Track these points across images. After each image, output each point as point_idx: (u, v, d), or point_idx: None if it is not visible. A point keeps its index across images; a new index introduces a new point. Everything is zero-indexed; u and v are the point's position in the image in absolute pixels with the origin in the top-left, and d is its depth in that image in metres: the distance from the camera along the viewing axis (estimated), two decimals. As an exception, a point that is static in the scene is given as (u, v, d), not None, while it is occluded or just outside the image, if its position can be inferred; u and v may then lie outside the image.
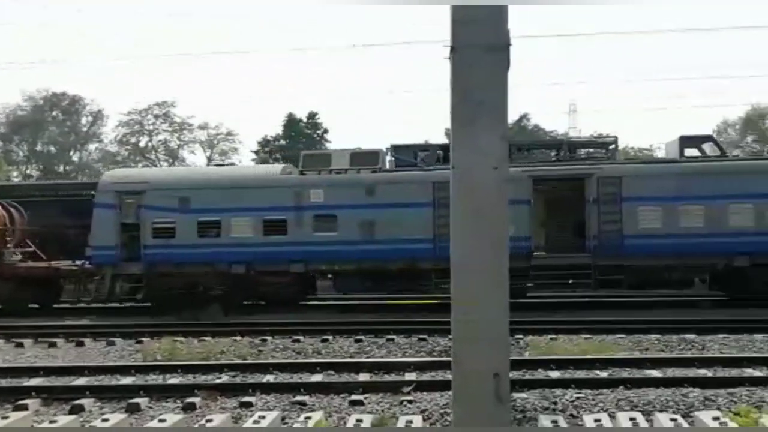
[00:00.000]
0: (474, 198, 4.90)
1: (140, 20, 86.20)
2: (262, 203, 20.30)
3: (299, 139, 54.51)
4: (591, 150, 23.35)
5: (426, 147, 23.33)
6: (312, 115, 57.24)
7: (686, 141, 20.91)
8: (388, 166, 21.29)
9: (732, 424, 6.80)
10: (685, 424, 7.06)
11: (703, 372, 10.22)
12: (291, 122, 56.56)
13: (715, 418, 7.00)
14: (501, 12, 4.44)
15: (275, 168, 23.85)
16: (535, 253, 20.04)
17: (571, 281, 19.92)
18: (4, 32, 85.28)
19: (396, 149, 21.86)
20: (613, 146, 22.83)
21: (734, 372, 10.11)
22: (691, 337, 13.28)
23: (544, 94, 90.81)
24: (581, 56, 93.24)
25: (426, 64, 65.64)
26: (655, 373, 10.12)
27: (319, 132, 57.29)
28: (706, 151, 20.78)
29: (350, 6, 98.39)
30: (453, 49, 4.45)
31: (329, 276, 21.44)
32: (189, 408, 8.65)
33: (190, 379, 10.44)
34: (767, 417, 7.00)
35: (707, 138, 22.68)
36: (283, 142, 56.03)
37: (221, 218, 20.36)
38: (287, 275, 20.37)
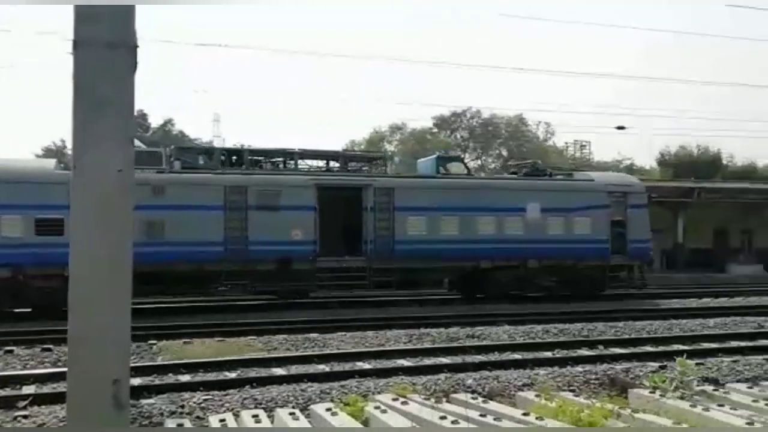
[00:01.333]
0: (96, 201, 4.67)
1: None
2: (35, 201, 18.34)
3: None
4: (361, 163, 25.12)
5: (210, 150, 23.04)
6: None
7: (442, 160, 24.42)
8: (176, 166, 20.59)
9: (342, 414, 7.47)
10: (302, 418, 7.58)
11: (321, 367, 11.08)
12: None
13: (328, 409, 7.63)
14: (127, 12, 4.35)
15: (49, 162, 21.61)
16: (319, 257, 20.82)
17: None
18: None
19: (180, 151, 21.54)
20: (381, 160, 25.50)
21: (347, 366, 11.12)
22: (314, 335, 14.29)
23: (189, 100, 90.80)
24: (228, 65, 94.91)
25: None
26: (279, 371, 10.72)
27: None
28: (450, 170, 23.53)
29: None
30: (75, 45, 4.24)
31: None
32: None
33: None
34: (372, 404, 7.81)
35: (457, 158, 27.10)
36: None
37: None
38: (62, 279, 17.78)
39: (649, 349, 12.92)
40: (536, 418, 7.14)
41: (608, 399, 8.47)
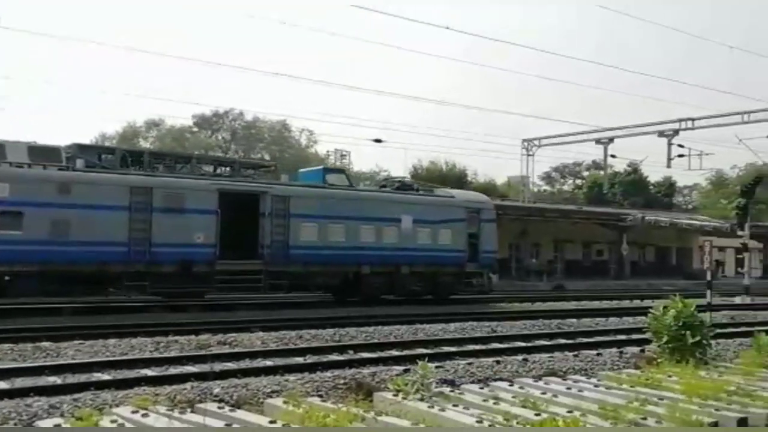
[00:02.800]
0: None
1: None
2: None
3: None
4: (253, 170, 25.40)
5: (111, 150, 22.78)
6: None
7: (327, 171, 26.30)
8: (78, 165, 19.91)
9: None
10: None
11: (53, 379, 10.13)
12: None
13: (57, 425, 6.96)
14: None
15: None
16: (219, 260, 21.27)
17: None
18: None
19: (81, 149, 20.97)
20: (274, 169, 26.57)
21: (83, 377, 10.28)
22: (47, 344, 13.09)
23: None
24: None
25: None
26: (2, 385, 9.63)
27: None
28: (334, 181, 24.95)
29: None
30: None
31: (6, 278, 18.67)
32: None
33: None
34: (107, 418, 7.25)
35: (341, 170, 29.24)
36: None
37: None
38: None
39: (395, 353, 13.41)
40: (283, 425, 7.06)
41: (354, 403, 8.60)
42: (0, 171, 18.53)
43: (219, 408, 8.09)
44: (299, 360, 12.36)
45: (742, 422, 7.90)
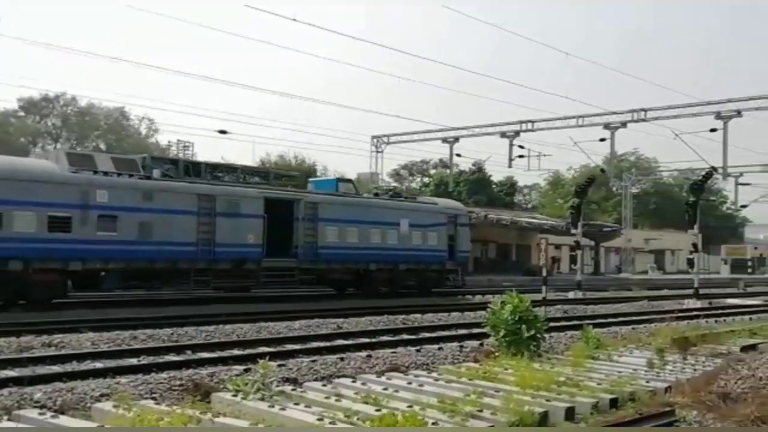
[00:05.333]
0: None
1: None
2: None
3: None
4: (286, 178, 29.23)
5: (175, 161, 24.81)
6: None
7: (340, 181, 30.12)
8: (155, 174, 22.28)
9: None
10: None
11: None
12: None
13: None
14: None
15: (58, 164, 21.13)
16: (264, 258, 24.30)
17: None
18: None
19: (153, 160, 23.72)
20: (299, 178, 30.23)
21: None
22: None
23: None
24: None
25: None
26: None
27: None
28: (342, 190, 28.56)
29: None
30: None
31: (102, 273, 21.22)
32: None
33: None
34: None
35: (350, 181, 32.54)
36: None
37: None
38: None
39: (236, 352, 13.05)
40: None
41: (191, 405, 8.27)
42: (101, 179, 20.88)
43: (40, 414, 7.54)
44: (133, 361, 11.75)
45: (570, 411, 8.27)
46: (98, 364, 11.30)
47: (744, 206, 62.99)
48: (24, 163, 21.21)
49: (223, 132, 35.85)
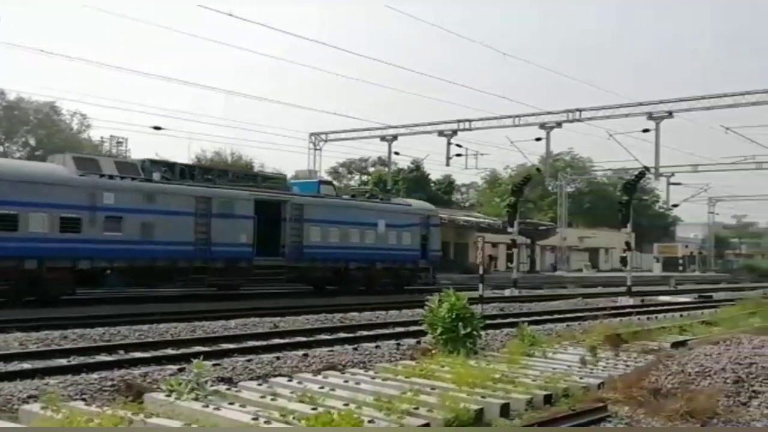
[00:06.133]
0: None
1: None
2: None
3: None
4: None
5: (171, 164, 25.85)
6: None
7: (322, 183, 31.58)
8: (155, 177, 23.59)
9: None
10: None
11: None
12: None
13: None
14: None
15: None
16: (255, 257, 25.60)
17: None
18: None
19: (152, 163, 24.74)
20: (285, 180, 30.75)
21: None
22: None
23: None
24: None
25: None
26: None
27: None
28: (323, 192, 29.77)
29: None
30: None
31: (107, 272, 22.15)
32: None
33: None
34: None
35: (330, 182, 34.72)
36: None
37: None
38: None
39: (170, 352, 12.82)
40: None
41: (122, 405, 8.08)
42: (107, 182, 22.05)
43: (-40, 418, 7.27)
44: (62, 362, 11.44)
45: (505, 408, 8.36)
46: (26, 365, 11.01)
47: (675, 205, 64.89)
48: (36, 166, 22.69)
49: (157, 128, 35.05)
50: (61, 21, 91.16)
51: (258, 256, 25.89)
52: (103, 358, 12.00)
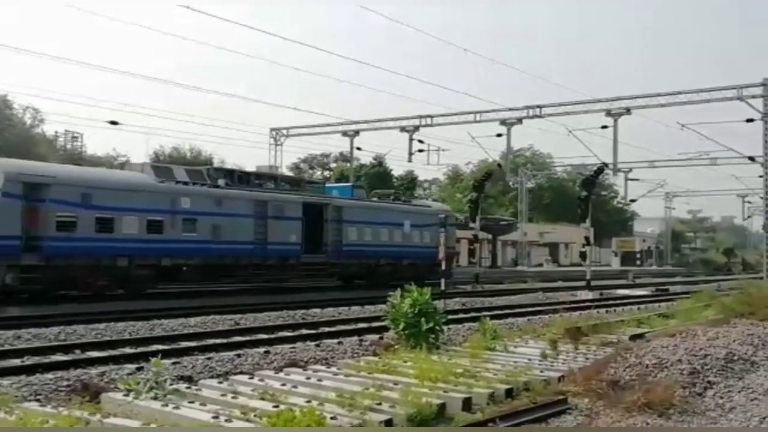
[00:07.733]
0: None
1: None
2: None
3: None
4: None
5: (231, 171, 29.73)
6: None
7: (355, 187, 34.61)
8: (220, 183, 26.07)
9: None
10: None
11: None
12: None
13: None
14: None
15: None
16: (303, 255, 28.20)
17: None
18: None
19: (216, 171, 27.96)
20: (323, 185, 34.48)
21: None
22: None
23: None
24: None
25: None
26: None
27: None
28: (356, 195, 32.68)
29: None
30: None
31: (184, 268, 24.41)
32: None
33: None
34: None
35: (361, 186, 36.56)
36: None
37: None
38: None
39: (128, 350, 12.60)
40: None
41: (79, 406, 7.92)
42: (184, 188, 24.41)
43: None
44: (16, 362, 11.15)
45: (467, 402, 8.38)
46: (-23, 366, 10.67)
47: (633, 200, 65.93)
48: (127, 175, 24.55)
49: (114, 123, 34.38)
50: (14, 13, 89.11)
51: (305, 254, 28.47)
52: (59, 357, 11.74)
